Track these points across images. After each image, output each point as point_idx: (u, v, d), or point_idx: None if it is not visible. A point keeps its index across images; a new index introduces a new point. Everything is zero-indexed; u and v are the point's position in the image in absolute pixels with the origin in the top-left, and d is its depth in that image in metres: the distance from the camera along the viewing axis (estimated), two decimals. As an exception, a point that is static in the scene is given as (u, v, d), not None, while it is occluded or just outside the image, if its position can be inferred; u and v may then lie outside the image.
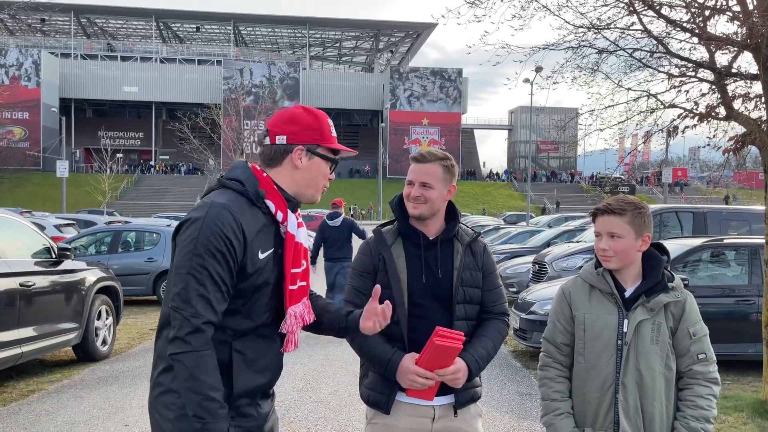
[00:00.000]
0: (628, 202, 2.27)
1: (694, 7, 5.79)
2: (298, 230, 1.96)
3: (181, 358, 1.71)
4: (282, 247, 1.93)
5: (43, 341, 6.31)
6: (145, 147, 70.38)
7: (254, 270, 1.84)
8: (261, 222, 1.88)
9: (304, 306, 2.00)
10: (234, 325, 1.85)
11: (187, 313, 1.73)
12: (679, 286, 2.27)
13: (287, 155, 1.95)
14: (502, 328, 2.42)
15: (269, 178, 1.95)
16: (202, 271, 1.75)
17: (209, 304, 1.75)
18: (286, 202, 1.94)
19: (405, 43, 76.61)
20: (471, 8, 6.37)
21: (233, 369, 1.83)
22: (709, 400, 2.19)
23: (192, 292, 1.74)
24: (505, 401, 5.97)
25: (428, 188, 2.32)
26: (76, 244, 12.34)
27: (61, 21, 69.61)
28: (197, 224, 1.79)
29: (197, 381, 1.70)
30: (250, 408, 1.91)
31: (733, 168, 42.25)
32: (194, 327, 1.72)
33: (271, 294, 1.91)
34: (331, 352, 7.85)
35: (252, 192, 1.89)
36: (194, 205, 1.90)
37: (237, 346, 1.85)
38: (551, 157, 76.67)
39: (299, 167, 1.96)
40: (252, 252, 1.83)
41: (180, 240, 1.83)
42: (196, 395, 1.70)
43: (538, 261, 11.12)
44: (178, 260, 1.80)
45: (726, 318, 6.93)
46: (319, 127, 1.98)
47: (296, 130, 1.95)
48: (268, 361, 1.94)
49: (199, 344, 1.72)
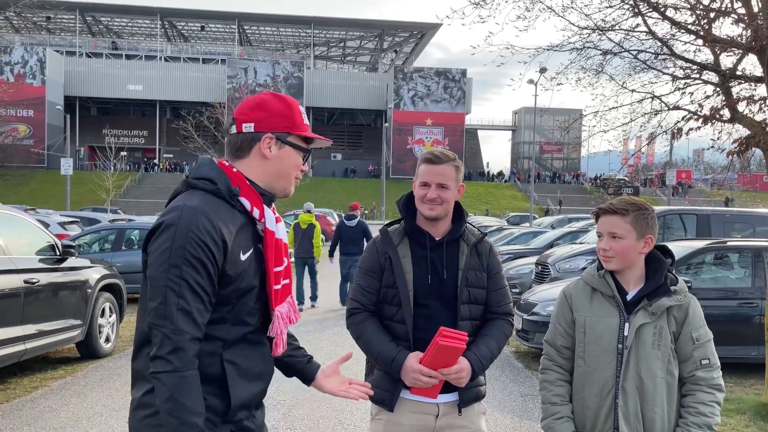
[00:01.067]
0: (631, 203, 2.24)
1: (699, 10, 5.79)
2: (276, 226, 1.82)
3: (162, 378, 1.58)
4: (262, 245, 1.79)
5: (46, 338, 6.33)
6: (149, 145, 70.53)
7: (237, 274, 1.70)
8: (239, 221, 1.74)
9: (289, 305, 1.88)
10: (222, 335, 1.72)
11: (167, 330, 1.59)
12: (683, 289, 2.22)
13: (255, 144, 1.79)
14: (506, 329, 2.42)
15: (240, 173, 1.79)
16: (180, 282, 1.60)
17: (190, 317, 1.61)
18: (261, 197, 1.79)
19: (409, 43, 76.58)
20: (476, 9, 6.39)
21: (228, 381, 1.71)
22: (711, 407, 2.14)
23: (171, 306, 1.60)
24: (507, 402, 5.97)
25: (445, 189, 2.34)
26: (80, 241, 12.37)
27: (67, 19, 69.76)
28: (170, 231, 1.63)
29: (176, 404, 1.57)
30: (249, 421, 1.82)
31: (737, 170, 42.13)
32: (175, 345, 1.59)
33: (257, 297, 1.78)
34: (333, 351, 7.86)
35: (225, 190, 1.73)
36: (164, 210, 1.73)
37: (228, 357, 1.73)
38: (555, 158, 76.58)
39: (268, 157, 1.79)
40: (233, 255, 1.69)
41: (152, 249, 1.66)
42: (174, 419, 1.58)
43: (541, 262, 11.11)
44: (152, 272, 1.64)
45: (729, 320, 6.92)
46: (290, 113, 1.82)
47: (264, 117, 1.79)
48: (260, 368, 1.83)
49: (180, 364, 1.58)
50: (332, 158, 71.59)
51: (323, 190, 55.81)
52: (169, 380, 1.58)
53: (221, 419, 1.73)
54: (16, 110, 59.92)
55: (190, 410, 1.59)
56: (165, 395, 1.58)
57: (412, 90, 67.18)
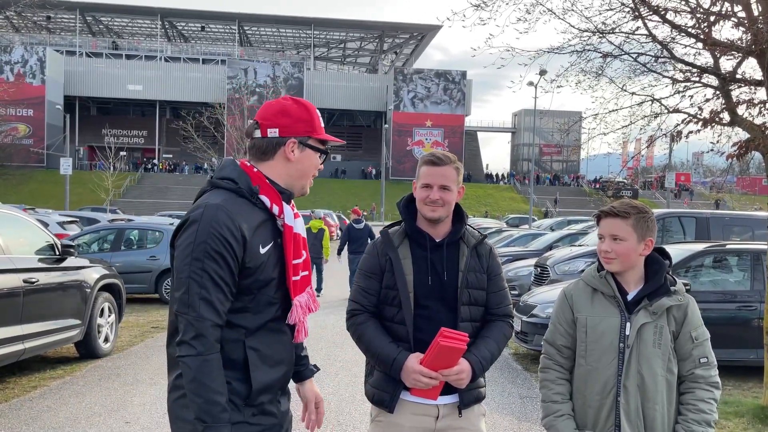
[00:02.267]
0: (632, 206, 2.28)
1: (699, 13, 5.80)
2: (295, 221, 1.96)
3: (187, 361, 1.74)
4: (282, 239, 1.93)
5: (45, 338, 6.33)
6: (148, 145, 70.48)
7: (257, 266, 1.85)
8: (259, 218, 1.88)
9: (309, 295, 2.01)
10: (245, 323, 1.86)
11: (190, 317, 1.75)
12: (682, 290, 2.28)
13: (280, 148, 1.94)
14: (506, 330, 2.43)
15: (260, 173, 1.93)
16: (202, 274, 1.76)
17: (212, 306, 1.76)
18: (280, 195, 1.93)
19: (409, 45, 76.62)
20: (476, 11, 6.40)
21: (249, 366, 1.85)
22: (710, 404, 2.20)
23: (194, 295, 1.76)
24: (506, 404, 5.98)
25: (447, 191, 2.35)
26: (80, 241, 12.36)
27: (67, 19, 69.76)
28: (194, 227, 1.80)
29: (200, 384, 1.72)
30: (272, 405, 1.94)
31: (736, 173, 42.21)
32: (198, 331, 1.74)
33: (277, 287, 1.92)
34: (333, 352, 7.86)
35: (246, 189, 1.88)
36: (190, 208, 1.91)
37: (250, 343, 1.86)
38: (554, 161, 76.59)
39: (292, 160, 1.94)
40: (252, 249, 1.83)
41: (178, 244, 1.83)
42: (198, 398, 1.73)
43: (540, 264, 11.12)
44: (177, 264, 1.81)
45: (728, 323, 6.92)
46: (310, 118, 1.97)
47: (288, 123, 1.93)
48: (281, 355, 1.96)
49: (203, 348, 1.74)
50: (332, 159, 71.61)
51: (322, 191, 55.79)
52: (193, 363, 1.74)
53: (244, 402, 1.85)
54: (15, 110, 59.88)
55: (213, 390, 1.74)
56: (190, 377, 1.74)
57: (412, 91, 67.20)
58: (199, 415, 1.73)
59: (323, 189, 57.12)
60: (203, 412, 1.72)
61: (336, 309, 11.15)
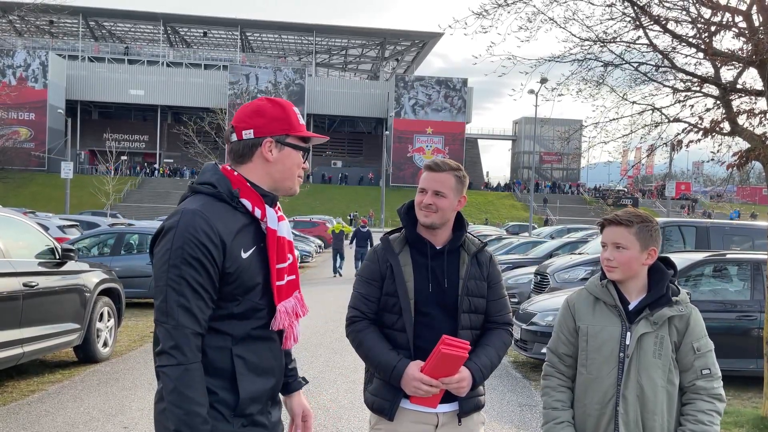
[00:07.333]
0: (636, 214, 2.28)
1: (700, 23, 5.83)
2: (279, 224, 1.89)
3: (166, 371, 1.68)
4: (265, 243, 1.87)
5: (44, 342, 6.31)
6: (149, 150, 70.60)
7: (238, 271, 1.78)
8: (240, 222, 1.82)
9: (296, 300, 1.94)
10: (231, 330, 1.81)
11: (169, 325, 1.69)
12: (684, 300, 2.26)
13: (256, 149, 1.88)
14: (506, 338, 2.42)
15: (241, 176, 1.87)
16: (180, 281, 1.70)
17: (191, 313, 1.71)
18: (263, 198, 1.87)
19: (411, 52, 76.84)
20: (478, 19, 6.41)
21: (236, 375, 1.79)
22: (711, 416, 2.17)
23: (172, 303, 1.70)
24: (505, 412, 5.96)
25: (441, 197, 2.34)
26: (80, 245, 12.36)
27: (70, 23, 70.01)
28: (170, 234, 1.74)
29: (180, 395, 1.66)
30: (262, 416, 1.87)
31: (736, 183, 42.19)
32: (177, 340, 1.69)
33: (262, 293, 1.85)
34: (332, 359, 7.85)
35: (225, 192, 1.83)
36: (168, 214, 1.85)
37: (237, 351, 1.81)
38: (554, 168, 76.67)
39: (270, 160, 1.88)
40: (233, 253, 1.77)
41: (156, 251, 1.78)
42: (178, 409, 1.66)
43: (539, 272, 11.11)
44: (155, 272, 1.75)
45: (727, 333, 6.91)
46: (286, 116, 1.91)
47: (263, 123, 1.88)
48: (270, 363, 1.90)
49: (183, 358, 1.68)
50: (332, 165, 71.70)
51: (322, 198, 55.84)
52: (173, 373, 1.68)
53: (233, 413, 1.79)
54: (17, 113, 60.05)
55: (193, 401, 1.68)
56: (170, 387, 1.68)
57: (413, 98, 67.36)
58: (178, 427, 1.66)
59: (323, 195, 57.17)
60: (183, 424, 1.65)
61: (335, 316, 11.13)
